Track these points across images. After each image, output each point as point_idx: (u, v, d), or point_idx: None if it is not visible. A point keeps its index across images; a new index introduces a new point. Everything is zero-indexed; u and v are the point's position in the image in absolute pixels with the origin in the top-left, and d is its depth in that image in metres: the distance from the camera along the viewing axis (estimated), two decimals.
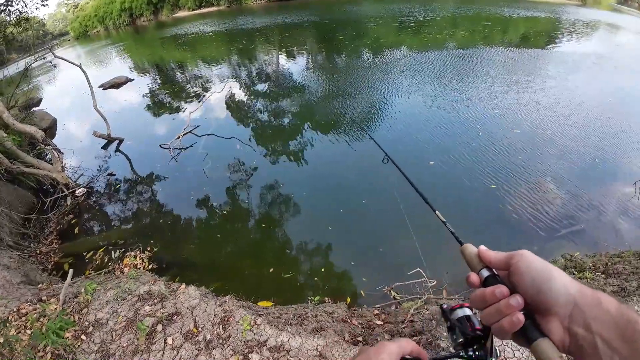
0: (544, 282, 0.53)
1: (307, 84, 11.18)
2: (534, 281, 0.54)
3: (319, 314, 3.48)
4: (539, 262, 0.55)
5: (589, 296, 0.51)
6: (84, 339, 2.88)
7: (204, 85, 12.07)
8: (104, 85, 12.78)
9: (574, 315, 0.51)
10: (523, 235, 4.80)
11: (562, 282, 0.52)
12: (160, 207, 6.18)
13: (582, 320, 0.50)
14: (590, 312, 0.50)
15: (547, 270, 0.54)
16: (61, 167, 6.64)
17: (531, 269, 0.55)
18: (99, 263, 4.80)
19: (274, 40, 18.15)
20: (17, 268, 4.33)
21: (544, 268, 0.54)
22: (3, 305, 3.31)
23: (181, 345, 2.67)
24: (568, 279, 0.53)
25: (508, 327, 0.54)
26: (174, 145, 7.66)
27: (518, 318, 0.53)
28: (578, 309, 0.50)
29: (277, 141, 7.98)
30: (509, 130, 7.21)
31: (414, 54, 13.22)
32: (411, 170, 6.30)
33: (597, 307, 0.50)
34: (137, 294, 3.20)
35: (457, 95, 9.16)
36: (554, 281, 0.53)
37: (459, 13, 21.43)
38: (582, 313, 0.50)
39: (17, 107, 8.42)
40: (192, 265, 4.84)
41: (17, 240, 5.28)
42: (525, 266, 0.55)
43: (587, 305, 0.50)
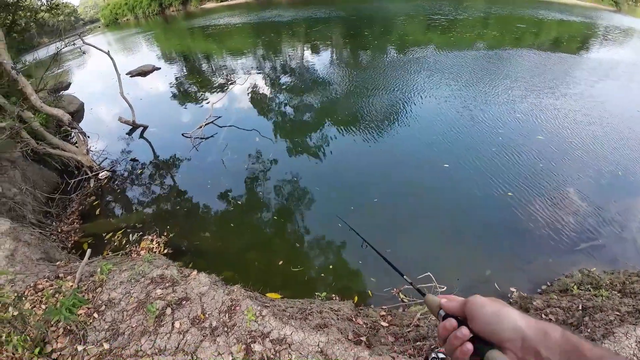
0: (494, 323, 0.60)
1: (329, 79, 11.17)
2: (486, 322, 0.61)
3: (325, 310, 3.52)
4: (489, 305, 0.63)
5: (535, 327, 0.58)
6: (95, 317, 3.00)
7: (228, 77, 12.23)
8: (131, 72, 13.13)
9: (525, 346, 0.57)
10: (539, 246, 4.69)
11: (510, 321, 0.59)
12: (179, 194, 6.35)
13: (533, 349, 0.56)
14: (538, 342, 0.56)
15: (496, 312, 0.61)
16: (86, 150, 6.89)
17: (481, 314, 0.62)
18: (117, 244, 4.99)
19: (300, 34, 18.17)
20: (37, 245, 4.48)
21: (493, 311, 0.62)
22: (21, 280, 3.45)
23: (188, 330, 2.76)
24: (517, 316, 0.60)
25: (461, 355, 0.61)
26: (196, 135, 7.83)
27: (466, 347, 0.60)
28: (527, 339, 0.57)
29: (295, 135, 8.03)
30: (531, 137, 7.03)
31: (440, 53, 12.98)
32: (424, 170, 6.32)
33: (544, 336, 0.56)
34: (150, 277, 3.32)
35: (480, 96, 9.01)
36: (502, 321, 0.60)
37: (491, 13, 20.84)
38: (532, 343, 0.56)
39: (46, 90, 8.74)
40: (205, 252, 4.96)
41: (39, 218, 5.51)
42: (476, 311, 0.63)
43: (534, 336, 0.57)
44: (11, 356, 2.71)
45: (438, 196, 5.71)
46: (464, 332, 0.62)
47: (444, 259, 4.65)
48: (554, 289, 4.03)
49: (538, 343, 0.56)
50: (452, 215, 5.33)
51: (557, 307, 3.42)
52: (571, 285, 3.87)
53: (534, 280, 4.29)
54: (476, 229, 5.09)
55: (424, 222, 5.28)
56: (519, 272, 4.42)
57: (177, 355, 2.60)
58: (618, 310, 3.16)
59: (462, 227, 5.13)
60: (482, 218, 5.25)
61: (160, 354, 2.62)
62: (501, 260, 4.60)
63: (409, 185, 6.01)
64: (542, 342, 0.56)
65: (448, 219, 5.28)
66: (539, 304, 3.56)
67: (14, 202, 5.34)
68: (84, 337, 2.84)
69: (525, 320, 0.59)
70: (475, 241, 4.91)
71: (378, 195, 5.74)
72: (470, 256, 4.70)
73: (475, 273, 4.43)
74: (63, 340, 2.83)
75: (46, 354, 2.72)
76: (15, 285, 3.36)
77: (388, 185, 6.05)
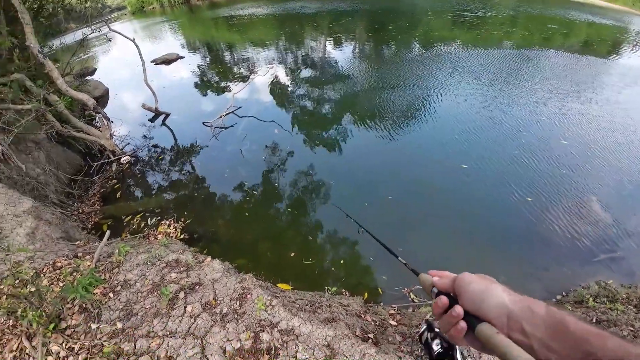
0: (480, 299, 0.61)
1: (350, 73, 11.09)
2: (472, 299, 0.63)
3: (334, 304, 3.53)
4: (476, 282, 0.64)
5: (520, 303, 0.59)
6: (111, 296, 3.10)
7: (249, 68, 12.30)
8: (155, 60, 13.35)
9: (510, 321, 0.58)
10: (556, 254, 4.58)
11: (496, 297, 0.61)
12: (197, 181, 6.46)
13: (518, 325, 0.57)
14: (523, 318, 0.57)
15: (482, 289, 0.63)
16: (109, 134, 7.09)
17: (468, 290, 0.64)
18: (136, 227, 5.13)
19: (323, 26, 18.06)
20: (58, 224, 4.62)
21: (479, 287, 0.63)
22: (40, 258, 3.58)
23: (199, 315, 2.83)
24: (502, 293, 0.61)
25: (455, 333, 0.63)
26: (216, 124, 7.93)
27: (461, 325, 0.62)
28: (512, 315, 0.58)
29: (312, 129, 8.05)
30: (553, 141, 6.82)
31: (465, 51, 12.69)
32: (440, 170, 6.25)
33: (528, 311, 0.57)
34: (165, 260, 3.41)
35: (502, 96, 8.78)
36: (488, 297, 0.61)
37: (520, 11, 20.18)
38: (517, 319, 0.57)
39: (72, 74, 8.99)
40: (220, 240, 5.05)
41: (61, 199, 5.70)
42: (464, 287, 0.65)
43: (519, 311, 0.58)
44: (25, 331, 2.82)
45: (454, 197, 5.63)
46: (458, 311, 0.63)
47: (457, 261, 4.58)
48: (569, 300, 3.94)
49: (523, 319, 0.57)
50: (468, 217, 5.25)
51: None
52: (587, 297, 3.78)
53: (549, 289, 4.20)
54: (492, 233, 5.00)
55: (438, 222, 5.22)
56: (534, 280, 4.34)
57: (187, 338, 2.67)
58: (632, 325, 3.07)
59: (478, 230, 5.05)
60: (498, 222, 5.15)
61: (171, 336, 2.70)
62: (516, 267, 4.51)
63: (424, 184, 5.95)
64: (526, 317, 0.57)
65: (463, 220, 5.21)
66: None
67: (37, 182, 5.54)
68: (98, 315, 2.94)
69: (510, 297, 0.60)
70: (490, 245, 4.83)
71: (393, 192, 5.71)
72: (484, 260, 4.63)
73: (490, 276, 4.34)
74: (78, 318, 2.93)
75: (60, 330, 2.82)
76: (34, 263, 3.49)
77: (403, 183, 6.00)
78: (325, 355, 2.61)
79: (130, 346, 2.67)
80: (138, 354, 2.61)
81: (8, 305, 2.88)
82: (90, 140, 6.79)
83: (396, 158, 6.73)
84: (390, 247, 1.29)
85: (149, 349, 2.63)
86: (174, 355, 2.56)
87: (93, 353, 2.66)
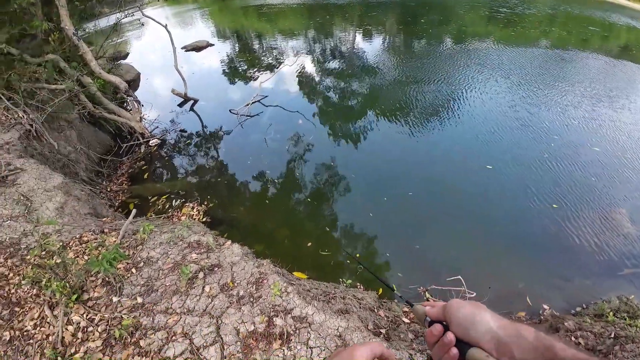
0: (469, 325, 0.62)
1: (377, 66, 10.96)
2: (461, 324, 0.63)
3: (348, 296, 3.54)
4: (464, 309, 0.65)
5: (509, 328, 0.59)
6: (133, 272, 3.22)
7: (277, 57, 12.33)
8: (186, 47, 13.58)
9: (499, 346, 0.58)
10: (579, 265, 4.46)
11: (484, 323, 0.61)
12: (221, 166, 6.60)
13: (507, 350, 0.57)
14: (511, 342, 0.57)
15: (470, 314, 0.63)
16: (140, 117, 7.29)
17: (458, 317, 0.65)
18: (160, 208, 5.30)
19: (353, 17, 17.85)
20: (86, 200, 4.81)
21: (467, 314, 0.64)
22: (67, 231, 3.74)
23: (216, 295, 2.90)
24: (490, 319, 0.62)
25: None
26: (242, 112, 8.02)
27: (452, 352, 0.62)
28: (501, 340, 0.58)
29: (337, 121, 8.03)
30: (584, 147, 6.58)
31: (498, 48, 12.31)
32: (463, 169, 6.14)
33: (517, 336, 0.57)
34: (187, 241, 3.51)
35: (532, 96, 8.53)
36: (477, 323, 0.62)
37: (559, 10, 19.28)
38: (505, 344, 0.58)
39: (105, 58, 9.24)
40: (240, 224, 5.16)
41: (90, 177, 5.94)
42: (453, 315, 0.65)
43: (508, 336, 0.58)
44: (48, 300, 2.95)
45: (476, 198, 5.52)
46: (450, 338, 0.63)
47: (476, 264, 4.51)
48: (588, 312, 3.83)
49: (512, 344, 0.57)
50: (489, 220, 5.15)
51: (588, 332, 3.24)
52: (607, 311, 3.66)
53: (570, 300, 4.09)
54: (514, 238, 4.88)
55: (458, 222, 5.13)
56: (554, 289, 4.23)
57: (204, 317, 2.74)
58: None
59: (499, 233, 4.95)
60: (520, 227, 5.02)
61: (188, 314, 2.78)
62: (537, 274, 4.40)
63: (446, 183, 5.86)
64: (515, 342, 0.57)
65: (484, 222, 5.11)
66: (570, 326, 3.38)
67: (68, 159, 5.77)
68: (120, 289, 3.05)
69: (498, 322, 0.61)
70: (511, 250, 4.72)
71: (413, 189, 5.65)
72: (504, 265, 4.54)
73: (508, 284, 4.27)
74: (100, 290, 3.05)
75: (82, 301, 2.94)
76: (62, 236, 3.64)
77: (424, 180, 5.94)
78: (337, 345, 2.62)
79: (149, 321, 2.77)
80: (155, 329, 2.71)
81: (33, 274, 3.03)
82: (121, 122, 7.01)
83: (418, 154, 6.66)
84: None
85: (167, 324, 2.72)
86: (189, 332, 2.64)
87: (112, 325, 2.77)
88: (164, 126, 7.83)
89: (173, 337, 2.61)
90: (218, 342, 2.55)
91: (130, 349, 2.60)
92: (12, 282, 3.16)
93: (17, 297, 3.04)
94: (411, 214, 5.28)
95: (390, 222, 5.16)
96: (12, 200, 4.12)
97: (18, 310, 2.94)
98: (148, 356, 2.53)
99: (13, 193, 4.24)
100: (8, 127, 5.41)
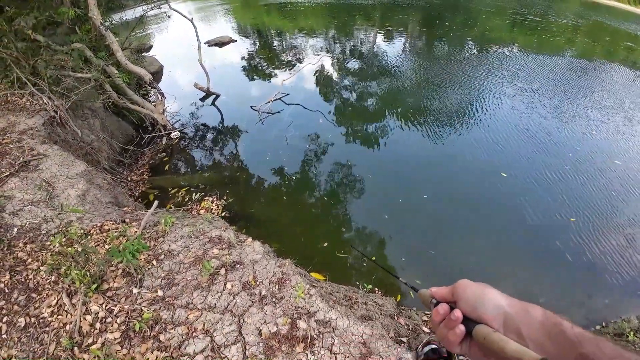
0: (478, 302, 0.62)
1: (397, 68, 10.84)
2: (470, 302, 0.63)
3: (369, 302, 3.43)
4: (474, 286, 0.65)
5: (517, 306, 0.60)
6: (154, 264, 3.16)
7: (298, 56, 12.26)
8: (209, 42, 13.63)
9: (507, 324, 0.59)
10: (598, 281, 4.31)
11: (492, 299, 0.62)
12: (240, 162, 6.56)
13: (514, 328, 0.58)
14: (519, 320, 0.58)
15: (479, 292, 0.63)
16: (162, 109, 7.30)
17: (467, 293, 0.65)
18: (180, 200, 5.27)
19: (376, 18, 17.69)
20: (108, 189, 4.80)
21: (477, 290, 0.64)
22: (89, 219, 3.71)
23: (238, 293, 2.82)
24: (498, 296, 0.62)
25: (453, 338, 0.63)
26: (264, 109, 7.97)
27: (460, 328, 0.62)
28: (509, 318, 0.59)
29: (356, 122, 7.97)
30: (607, 160, 6.40)
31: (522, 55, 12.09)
32: (480, 176, 6.06)
33: (525, 314, 0.58)
34: (209, 236, 3.44)
35: (553, 106, 8.35)
36: (485, 300, 0.62)
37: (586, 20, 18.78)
38: (513, 321, 0.58)
39: (130, 49, 9.29)
40: (257, 220, 5.10)
41: (112, 166, 5.95)
42: (462, 292, 0.65)
43: (516, 314, 0.59)
44: (67, 288, 2.90)
45: (492, 206, 5.45)
46: (457, 315, 0.63)
47: (495, 273, 4.42)
48: (608, 331, 3.71)
49: (519, 321, 0.58)
50: (506, 229, 5.04)
51: None
52: (627, 331, 3.55)
53: (590, 317, 3.96)
54: (531, 249, 4.75)
55: (472, 230, 5.05)
56: (574, 306, 4.10)
57: (225, 314, 2.67)
58: None
59: (515, 243, 4.84)
60: (538, 238, 4.88)
61: (209, 310, 2.71)
62: (556, 289, 4.28)
63: (462, 188, 5.78)
64: (523, 320, 0.58)
65: (498, 231, 5.01)
66: None
67: (91, 148, 5.79)
68: (140, 281, 3.00)
69: (507, 300, 0.62)
70: (530, 262, 4.58)
71: (429, 192, 5.59)
72: (521, 277, 4.41)
73: (529, 297, 4.07)
74: (120, 281, 3.00)
75: (102, 291, 2.89)
76: (83, 223, 3.61)
77: (440, 184, 5.87)
78: (361, 353, 2.52)
79: (169, 315, 2.71)
80: (176, 324, 2.64)
81: (53, 261, 2.99)
82: (144, 113, 7.03)
83: (435, 158, 6.60)
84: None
85: (187, 319, 2.65)
86: (210, 329, 2.56)
87: (132, 317, 2.71)
88: (185, 119, 7.83)
89: (194, 333, 2.54)
90: (240, 341, 2.47)
91: (149, 343, 2.54)
92: (31, 268, 3.14)
93: (35, 283, 3.01)
94: (426, 218, 5.21)
95: (405, 226, 5.10)
96: (34, 185, 4.13)
97: (35, 297, 2.91)
98: (167, 351, 2.46)
99: (35, 178, 4.25)
100: (33, 113, 5.45)
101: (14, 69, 5.78)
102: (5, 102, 5.63)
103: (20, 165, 4.35)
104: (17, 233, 3.46)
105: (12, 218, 3.60)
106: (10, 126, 5.08)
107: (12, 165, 4.32)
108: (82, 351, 2.51)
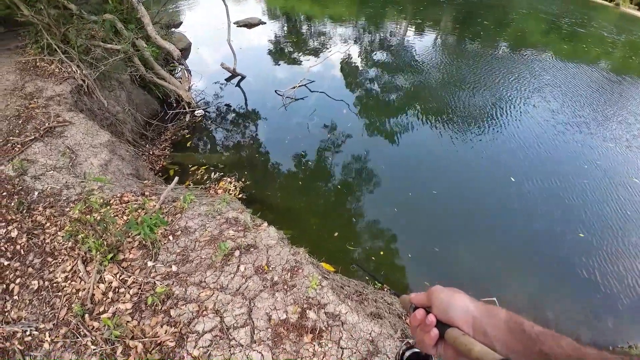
0: (448, 306, 0.67)
1: (425, 64, 10.62)
2: (441, 306, 0.68)
3: (379, 300, 3.39)
4: (445, 292, 0.71)
5: (483, 309, 0.65)
6: (170, 239, 3.18)
7: (325, 44, 12.07)
8: (238, 22, 13.53)
9: (475, 326, 0.64)
10: (608, 303, 4.18)
11: (461, 304, 0.67)
12: (260, 145, 6.55)
13: (482, 329, 0.62)
14: (486, 321, 0.63)
15: (449, 296, 0.69)
16: (188, 86, 7.31)
17: (439, 298, 0.69)
18: (199, 178, 5.31)
19: (408, 11, 17.27)
20: (130, 161, 4.85)
21: (447, 295, 0.69)
22: (109, 189, 3.75)
23: (250, 277, 2.82)
24: (467, 300, 0.68)
25: (428, 340, 0.67)
26: (288, 94, 7.89)
27: (434, 332, 0.67)
28: (477, 321, 0.64)
29: (379, 114, 7.90)
30: (626, 177, 6.24)
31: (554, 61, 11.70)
32: (490, 180, 6.04)
33: (491, 316, 0.63)
34: (225, 217, 3.44)
35: (578, 118, 8.18)
36: (455, 305, 0.67)
37: (625, 34, 17.91)
38: (481, 323, 0.63)
39: (160, 24, 9.27)
40: (272, 205, 5.12)
41: (135, 138, 6.01)
42: (435, 297, 0.70)
43: (482, 316, 0.64)
44: (83, 255, 2.94)
45: (502, 211, 5.40)
46: (431, 319, 0.67)
47: (511, 282, 4.37)
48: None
49: (486, 323, 0.63)
50: (517, 237, 4.98)
51: None
52: (634, 357, 3.33)
53: (597, 339, 3.87)
54: (541, 261, 4.66)
55: (477, 232, 5.04)
56: (583, 326, 4.01)
57: (236, 296, 2.67)
58: None
59: (526, 253, 4.77)
60: (543, 251, 4.79)
61: (221, 291, 2.71)
62: (565, 306, 4.18)
63: (472, 189, 5.77)
64: (489, 321, 0.63)
65: (506, 238, 4.97)
66: None
67: (116, 119, 5.85)
68: (155, 255, 3.02)
69: (474, 304, 0.67)
70: (540, 274, 4.51)
71: (438, 188, 5.61)
72: (530, 289, 4.35)
73: (537, 312, 4.06)
74: (136, 253, 3.03)
75: (117, 261, 2.93)
76: (103, 193, 3.64)
77: (451, 182, 5.87)
78: (368, 351, 2.49)
79: (181, 291, 2.73)
80: (187, 300, 2.66)
81: (71, 228, 3.04)
82: (170, 89, 7.05)
83: (449, 156, 6.55)
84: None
85: (199, 298, 2.67)
86: (221, 310, 2.57)
87: (144, 290, 2.74)
88: (209, 98, 7.83)
89: (204, 312, 2.55)
90: (249, 325, 2.47)
91: (160, 317, 2.57)
92: (48, 232, 3.20)
93: (52, 248, 3.07)
94: (433, 214, 5.24)
95: (414, 220, 5.12)
96: (58, 151, 4.20)
97: (50, 261, 2.96)
98: (177, 327, 2.49)
99: (59, 145, 4.32)
100: (61, 80, 5.52)
101: (44, 35, 5.84)
102: (34, 67, 5.71)
103: (45, 130, 4.41)
104: (38, 197, 3.53)
105: (34, 182, 3.68)
106: (38, 91, 5.15)
107: (37, 130, 4.38)
108: (92, 319, 2.55)
